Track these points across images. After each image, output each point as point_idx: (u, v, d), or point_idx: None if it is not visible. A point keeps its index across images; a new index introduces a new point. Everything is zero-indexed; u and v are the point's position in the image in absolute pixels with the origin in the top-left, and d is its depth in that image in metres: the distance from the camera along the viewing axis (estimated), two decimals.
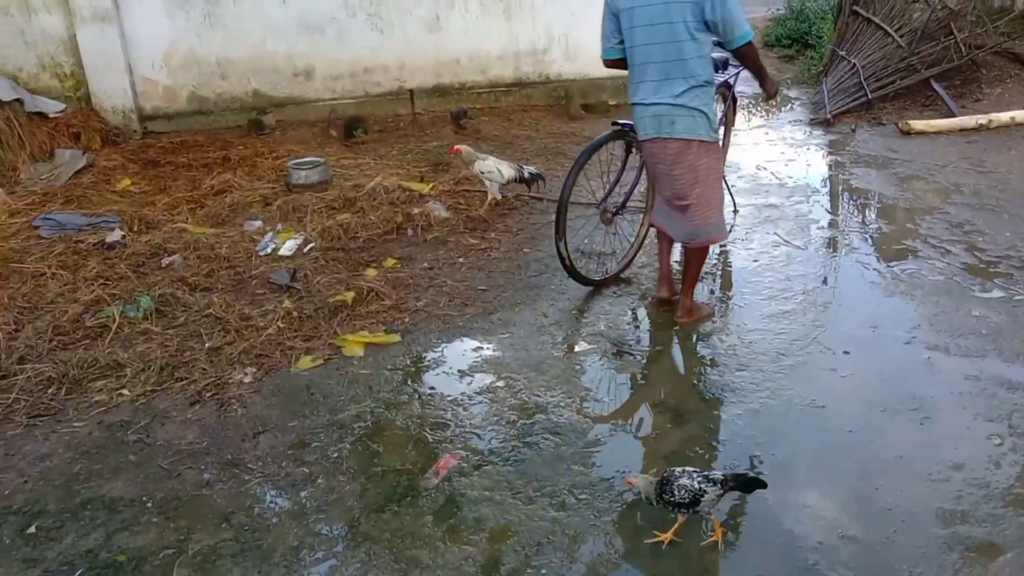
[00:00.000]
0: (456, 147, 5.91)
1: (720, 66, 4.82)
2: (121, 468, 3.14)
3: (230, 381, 3.72)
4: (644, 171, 4.40)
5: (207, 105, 8.23)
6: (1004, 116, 7.44)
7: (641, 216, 4.80)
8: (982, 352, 3.70)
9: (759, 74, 3.95)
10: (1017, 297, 4.19)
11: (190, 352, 3.95)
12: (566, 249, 4.28)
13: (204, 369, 3.81)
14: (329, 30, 8.29)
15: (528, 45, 8.80)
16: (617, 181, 4.50)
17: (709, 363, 3.75)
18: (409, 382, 3.68)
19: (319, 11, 8.19)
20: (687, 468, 2.61)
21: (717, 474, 2.61)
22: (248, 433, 3.34)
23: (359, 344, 3.95)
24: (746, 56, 3.72)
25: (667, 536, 2.62)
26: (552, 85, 8.88)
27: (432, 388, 3.65)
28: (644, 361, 3.86)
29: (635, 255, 4.76)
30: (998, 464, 2.95)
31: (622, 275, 4.69)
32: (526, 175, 5.82)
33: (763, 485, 2.67)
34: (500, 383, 3.65)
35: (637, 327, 4.23)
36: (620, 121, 4.31)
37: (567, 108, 8.65)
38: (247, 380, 3.73)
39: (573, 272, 4.40)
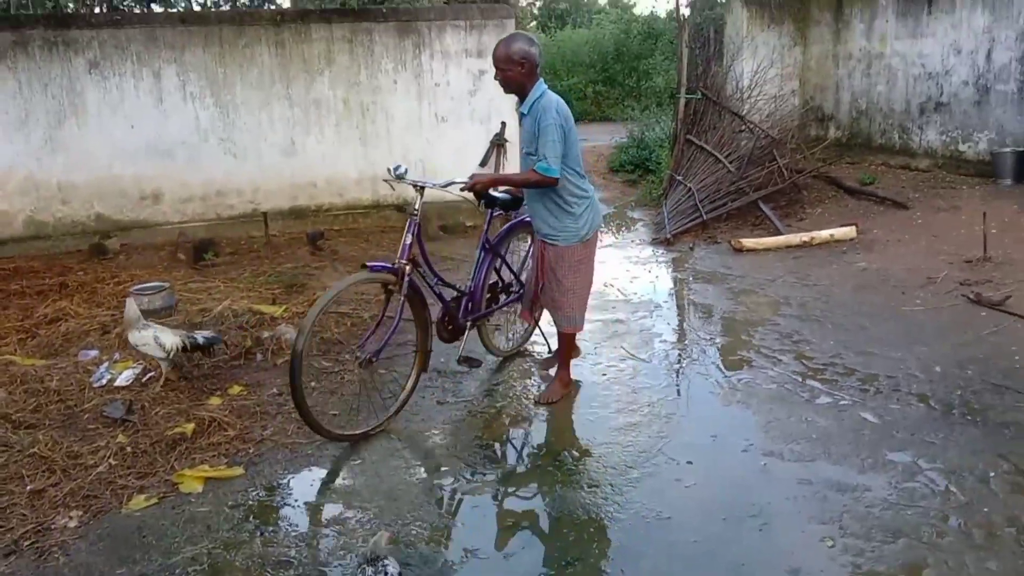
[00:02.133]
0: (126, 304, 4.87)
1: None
2: None
3: (53, 527, 3.41)
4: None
5: (45, 230, 7.86)
6: (825, 233, 8.17)
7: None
8: (813, 456, 3.91)
9: None
10: (842, 402, 4.49)
11: (8, 496, 3.61)
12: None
13: (24, 515, 3.49)
14: (179, 154, 8.20)
15: (384, 169, 8.98)
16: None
17: (561, 481, 3.77)
18: (251, 518, 3.50)
19: (169, 136, 8.11)
20: None
21: None
22: None
23: (198, 479, 3.74)
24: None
25: None
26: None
27: (276, 523, 3.48)
28: (498, 482, 3.84)
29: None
30: (831, 566, 3.08)
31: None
32: (200, 341, 4.81)
33: None
34: (350, 513, 3.52)
35: (492, 446, 4.22)
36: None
37: (425, 230, 8.79)
38: (72, 524, 3.43)
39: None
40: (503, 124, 9.15)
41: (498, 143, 9.17)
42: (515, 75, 4.14)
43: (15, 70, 7.57)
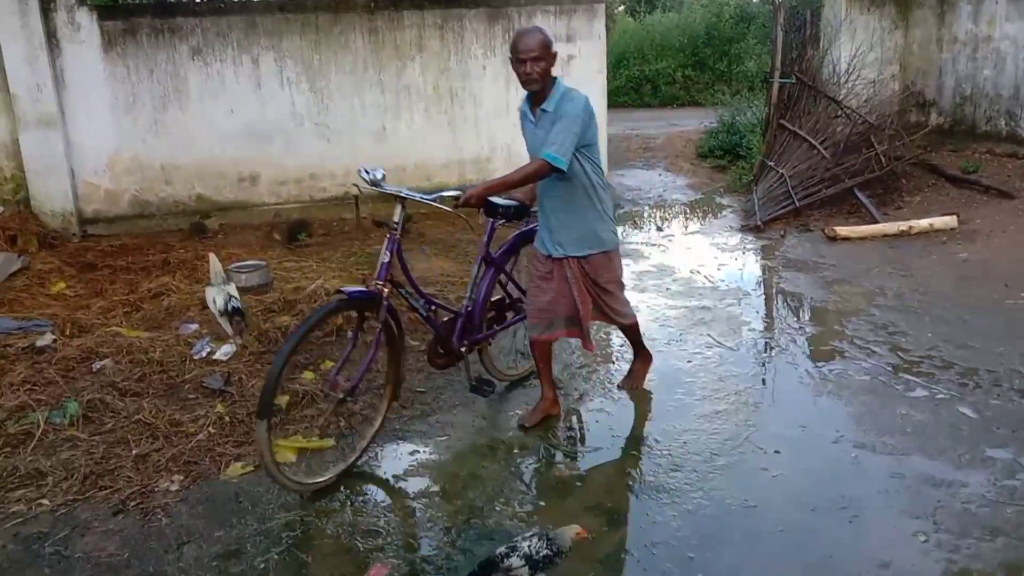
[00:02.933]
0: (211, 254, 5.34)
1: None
2: None
3: (156, 489, 3.61)
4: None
5: (149, 209, 8.24)
6: (923, 223, 7.85)
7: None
8: (907, 450, 3.80)
9: None
10: (939, 396, 4.34)
11: (116, 459, 3.83)
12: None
13: (129, 477, 3.70)
14: (276, 138, 8.46)
15: (472, 154, 9.09)
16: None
17: (644, 464, 3.77)
18: (342, 488, 3.62)
19: (267, 120, 8.38)
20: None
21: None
22: (172, 544, 3.22)
23: (291, 450, 3.89)
24: None
25: None
26: None
27: (365, 494, 3.59)
28: (580, 463, 3.86)
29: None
30: (923, 561, 2.99)
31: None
32: (235, 306, 5.09)
33: None
34: (435, 487, 3.61)
35: (575, 427, 4.24)
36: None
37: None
38: (174, 488, 3.63)
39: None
40: None
41: None
42: (549, 66, 3.66)
43: (124, 56, 7.93)
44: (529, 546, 2.68)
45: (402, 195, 3.68)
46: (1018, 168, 9.45)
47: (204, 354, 5.00)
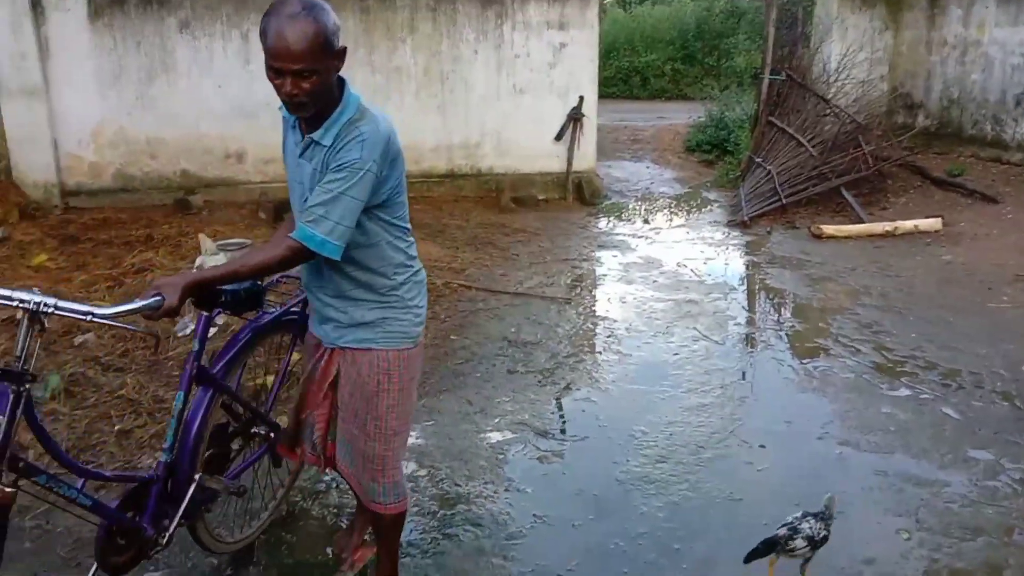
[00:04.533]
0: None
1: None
2: (16, 556, 2.94)
3: (139, 466, 3.57)
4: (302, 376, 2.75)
5: (133, 183, 8.12)
6: (909, 224, 7.92)
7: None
8: (891, 448, 3.83)
9: None
10: (923, 396, 4.38)
11: (98, 435, 3.78)
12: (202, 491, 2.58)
13: (112, 453, 3.65)
14: (263, 115, 8.33)
15: (461, 139, 9.03)
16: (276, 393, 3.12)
17: (631, 454, 3.78)
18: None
19: (255, 97, 8.26)
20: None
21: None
22: None
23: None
24: None
25: None
26: (484, 178, 9.09)
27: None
28: (567, 450, 3.86)
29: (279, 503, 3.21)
30: (906, 558, 3.03)
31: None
32: None
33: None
34: (422, 472, 3.60)
35: (561, 416, 4.25)
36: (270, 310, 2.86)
37: (498, 200, 8.84)
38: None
39: (195, 536, 2.75)
40: (581, 98, 9.07)
41: (575, 117, 9.11)
42: (326, 79, 2.21)
43: (111, 27, 7.79)
44: (810, 527, 2.78)
45: (33, 309, 2.10)
46: (1002, 173, 9.56)
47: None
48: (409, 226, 2.52)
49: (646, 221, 8.74)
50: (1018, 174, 9.48)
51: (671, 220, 8.82)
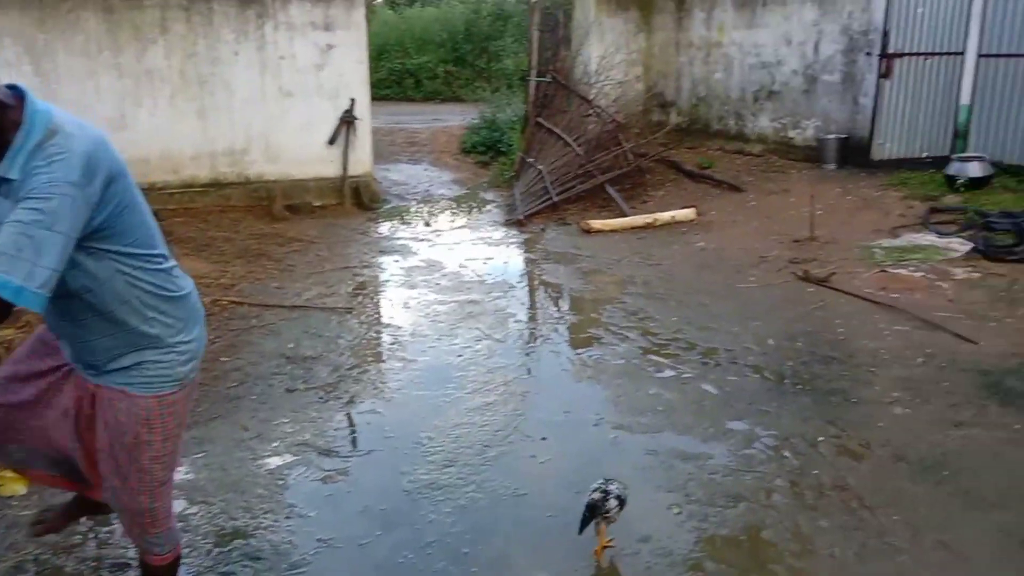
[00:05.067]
0: None
1: None
2: None
3: None
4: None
5: None
6: (666, 215, 8.50)
7: None
8: (659, 428, 4.07)
9: None
10: (685, 375, 4.70)
11: None
12: None
13: None
14: None
15: (225, 145, 8.56)
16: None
17: (418, 462, 3.73)
18: (83, 520, 3.24)
19: None
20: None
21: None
22: None
23: (19, 481, 3.41)
24: None
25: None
26: (253, 186, 8.69)
27: (112, 523, 3.24)
28: (352, 467, 3.74)
29: None
30: (678, 531, 3.21)
31: None
32: None
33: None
34: (193, 509, 3.34)
35: (344, 431, 4.12)
36: None
37: (270, 209, 8.48)
38: None
39: None
40: (352, 101, 8.91)
41: (348, 120, 8.94)
42: None
43: None
44: (616, 488, 3.01)
45: None
46: (746, 164, 10.53)
47: None
48: (160, 249, 2.20)
49: (427, 224, 8.75)
50: (758, 164, 10.48)
51: (451, 222, 8.90)
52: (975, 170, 8.13)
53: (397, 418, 4.21)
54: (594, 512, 2.97)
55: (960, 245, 6.87)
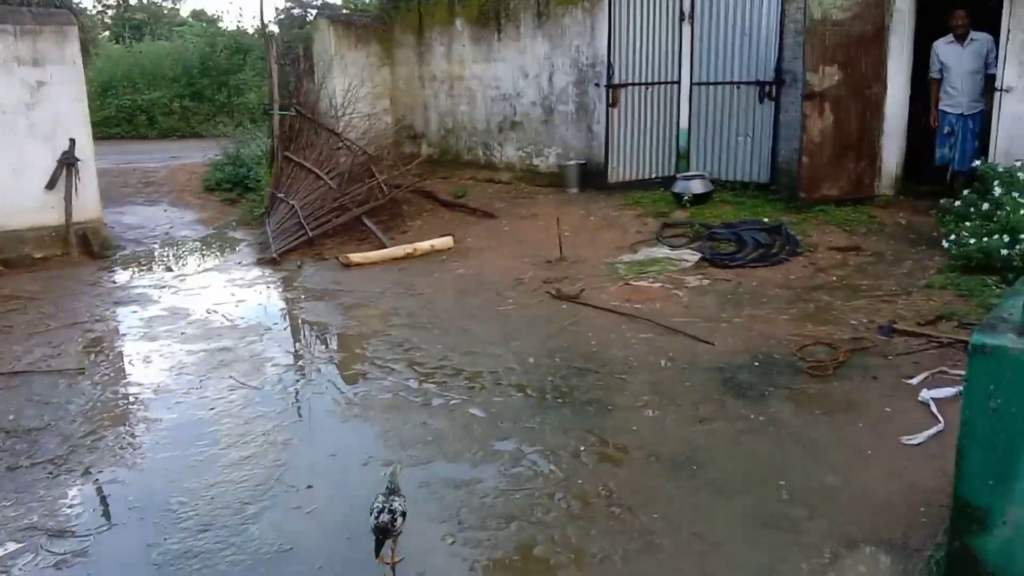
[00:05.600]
0: None
1: None
2: None
3: None
4: None
5: None
6: (425, 244, 8.54)
7: None
8: (430, 458, 4.02)
9: None
10: (452, 401, 4.69)
11: None
12: None
13: None
14: None
15: None
16: None
17: (169, 530, 3.39)
18: None
19: None
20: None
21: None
22: None
23: None
24: None
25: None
26: None
27: None
28: (90, 546, 3.32)
29: None
30: (452, 561, 3.17)
31: None
32: None
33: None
34: None
35: (80, 508, 3.65)
36: None
37: None
38: None
39: None
40: (72, 141, 8.12)
41: (68, 163, 8.12)
42: None
43: None
44: (397, 503, 3.05)
45: None
46: (497, 191, 10.88)
47: None
48: None
49: (169, 269, 8.15)
50: (508, 191, 10.88)
51: (197, 265, 8.35)
52: (697, 187, 8.97)
53: (142, 485, 3.82)
54: (387, 534, 3.02)
55: (690, 255, 7.52)
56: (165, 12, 30.20)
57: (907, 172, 8.63)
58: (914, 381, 4.61)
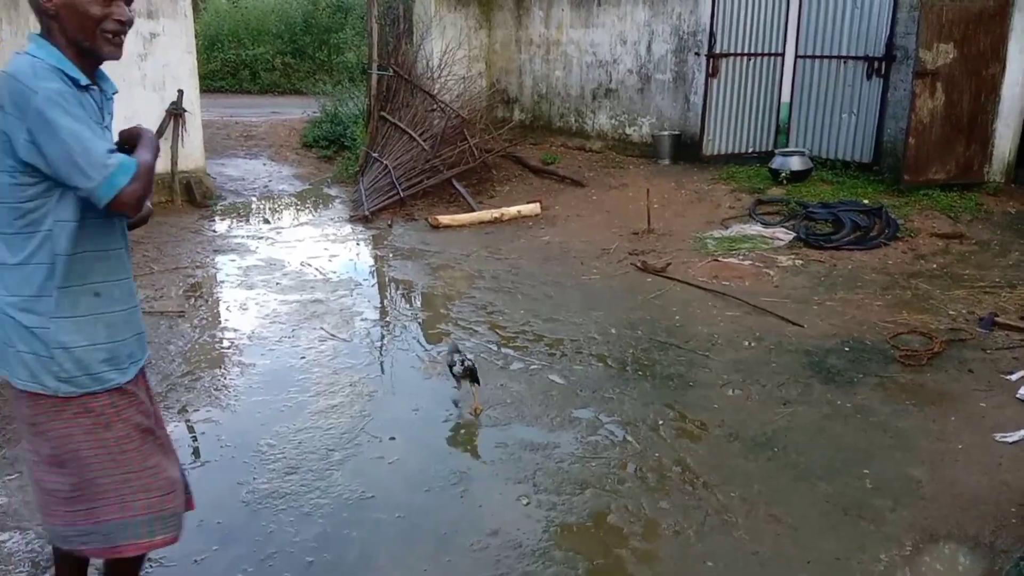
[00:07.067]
0: None
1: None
2: None
3: None
4: None
5: None
6: (513, 210, 8.58)
7: None
8: (508, 420, 4.08)
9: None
10: (533, 367, 4.74)
11: None
12: None
13: None
14: None
15: None
16: None
17: (257, 471, 3.55)
18: None
19: None
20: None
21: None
22: None
23: None
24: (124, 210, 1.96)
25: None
26: None
27: None
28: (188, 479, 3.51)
29: None
30: (527, 522, 3.22)
31: None
32: None
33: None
34: (5, 536, 3.02)
35: (175, 443, 3.86)
36: None
37: None
38: None
39: None
40: (180, 92, 8.43)
41: (176, 113, 8.44)
42: None
43: None
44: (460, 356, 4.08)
45: None
46: (587, 160, 10.80)
47: None
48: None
49: (266, 221, 8.42)
50: (599, 160, 10.79)
51: (294, 218, 8.60)
52: (796, 164, 8.70)
53: (234, 426, 4.00)
54: (474, 375, 3.93)
55: (784, 234, 7.34)
56: None
57: (1020, 159, 8.17)
58: (1013, 377, 4.43)
